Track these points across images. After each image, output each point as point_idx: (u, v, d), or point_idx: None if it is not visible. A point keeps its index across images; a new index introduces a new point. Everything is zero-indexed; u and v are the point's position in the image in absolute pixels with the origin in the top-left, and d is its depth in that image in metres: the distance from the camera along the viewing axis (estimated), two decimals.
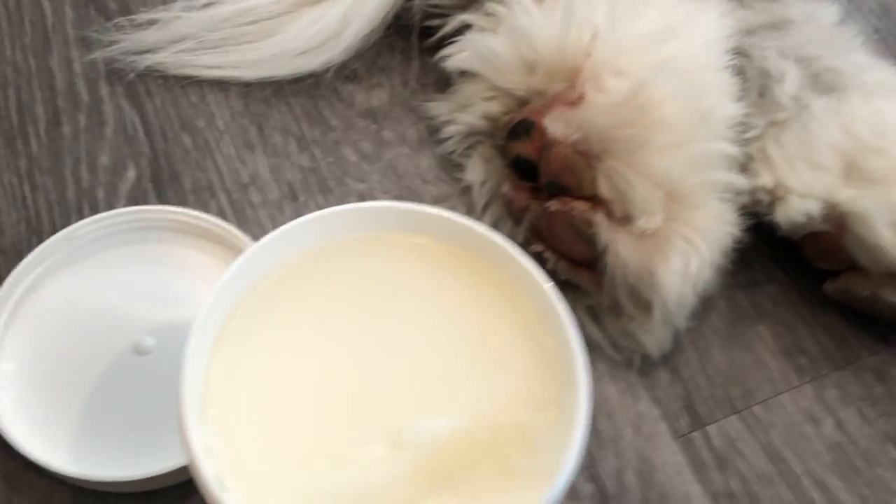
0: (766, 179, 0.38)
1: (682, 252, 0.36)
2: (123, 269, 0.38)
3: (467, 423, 0.25)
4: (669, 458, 0.36)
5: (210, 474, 0.23)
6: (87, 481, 0.33)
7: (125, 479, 0.33)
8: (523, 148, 0.38)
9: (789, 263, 0.41)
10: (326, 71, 0.45)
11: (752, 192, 0.38)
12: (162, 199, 0.40)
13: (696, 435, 0.37)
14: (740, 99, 0.38)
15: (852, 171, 0.37)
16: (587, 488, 0.35)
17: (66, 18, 0.46)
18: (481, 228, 0.27)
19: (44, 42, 0.45)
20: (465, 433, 0.25)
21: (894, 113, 0.38)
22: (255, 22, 0.44)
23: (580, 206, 0.37)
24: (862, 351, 0.40)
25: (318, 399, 0.25)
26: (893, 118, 0.37)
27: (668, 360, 0.39)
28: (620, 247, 0.36)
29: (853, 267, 0.38)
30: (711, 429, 0.37)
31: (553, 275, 0.39)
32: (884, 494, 0.36)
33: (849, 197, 0.36)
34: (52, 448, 0.34)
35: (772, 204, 0.38)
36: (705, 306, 0.40)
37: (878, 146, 0.37)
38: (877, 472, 0.36)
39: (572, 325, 0.25)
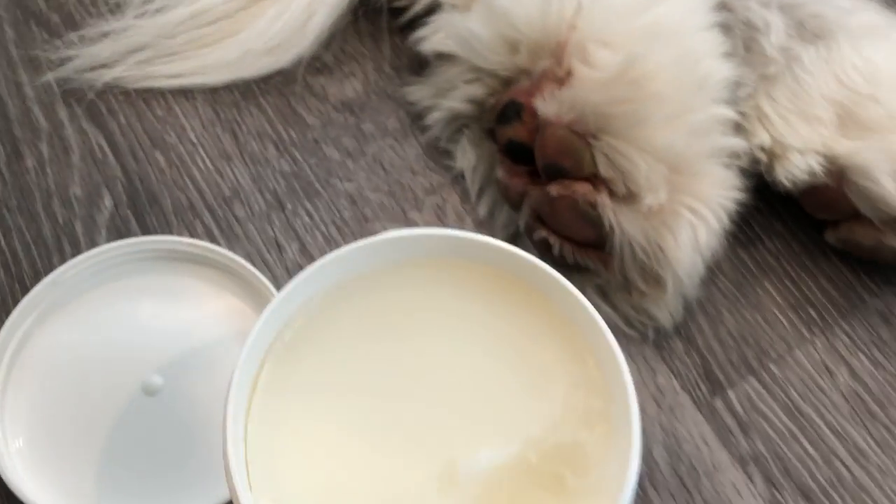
0: (763, 138, 0.38)
1: (690, 224, 0.35)
2: (118, 307, 0.36)
3: (519, 448, 0.25)
4: (694, 428, 0.37)
5: None
6: None
7: None
8: (515, 132, 0.37)
9: (788, 215, 0.41)
10: (295, 65, 0.42)
11: (750, 152, 0.38)
12: (144, 226, 0.39)
13: (718, 402, 0.37)
14: (730, 57, 0.38)
15: (848, 121, 0.37)
16: None
17: (6, 37, 0.43)
18: (509, 247, 0.26)
19: None
20: (518, 459, 0.24)
21: (885, 58, 0.37)
22: (213, 22, 0.42)
23: (582, 188, 0.36)
24: (865, 295, 0.40)
25: (366, 443, 0.24)
26: (884, 63, 0.37)
27: (681, 329, 0.39)
28: (627, 226, 0.35)
29: (855, 216, 0.38)
30: (731, 393, 0.37)
31: (560, 259, 0.38)
32: None
33: (848, 149, 0.36)
34: None
35: (771, 163, 0.38)
36: (711, 269, 0.39)
37: (872, 94, 0.37)
38: (893, 413, 0.37)
39: (613, 338, 0.25)
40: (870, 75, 0.37)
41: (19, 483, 0.32)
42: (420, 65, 0.43)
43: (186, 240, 0.37)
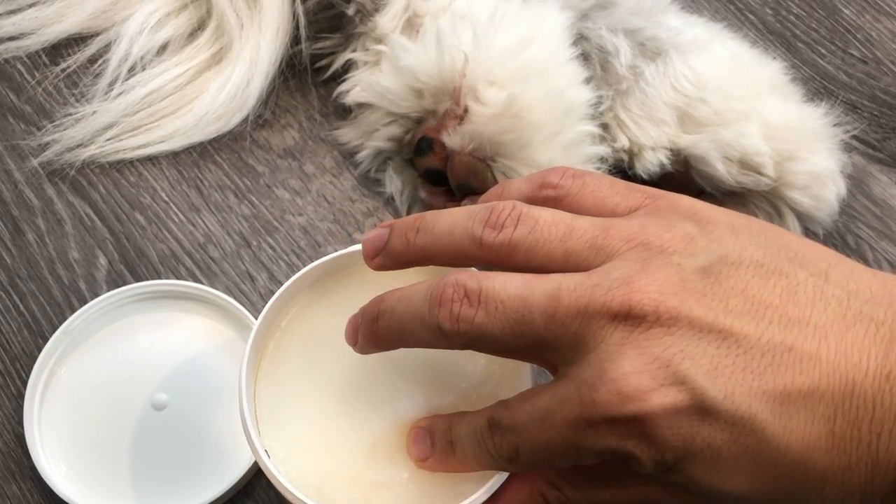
0: (623, 141, 0.48)
1: None
2: (122, 342, 0.44)
3: (452, 400, 0.34)
4: None
5: (272, 464, 0.32)
6: None
7: None
8: (430, 161, 0.46)
9: None
10: (241, 124, 0.51)
11: (615, 154, 0.48)
12: (136, 277, 0.47)
13: None
14: (590, 80, 0.47)
15: (686, 120, 0.47)
16: None
17: None
18: None
19: None
20: (452, 408, 0.34)
21: (707, 66, 0.47)
22: (166, 97, 0.50)
23: None
24: None
25: (342, 401, 0.34)
26: (708, 71, 0.47)
27: None
28: None
29: (702, 191, 0.48)
30: None
31: None
32: None
33: (688, 142, 0.46)
34: None
35: (631, 160, 0.48)
36: None
37: (700, 97, 0.47)
38: None
39: None
40: (697, 82, 0.47)
41: (72, 497, 0.41)
42: (345, 111, 0.52)
43: (170, 281, 0.45)
